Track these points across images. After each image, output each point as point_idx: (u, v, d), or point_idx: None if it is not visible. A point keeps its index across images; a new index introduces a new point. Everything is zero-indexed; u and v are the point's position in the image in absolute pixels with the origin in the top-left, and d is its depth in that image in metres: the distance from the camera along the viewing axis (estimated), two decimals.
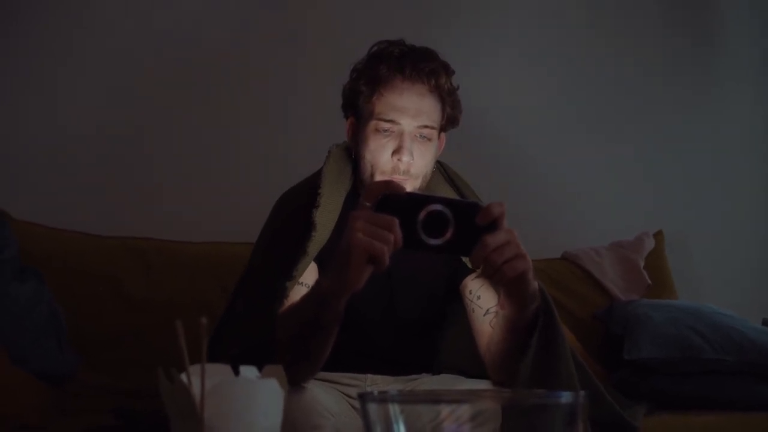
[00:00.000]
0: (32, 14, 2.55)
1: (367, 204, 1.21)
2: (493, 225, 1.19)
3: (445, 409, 0.75)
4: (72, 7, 2.59)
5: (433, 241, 1.19)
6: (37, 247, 2.18)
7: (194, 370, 0.80)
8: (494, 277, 1.22)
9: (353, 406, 1.53)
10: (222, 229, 2.45)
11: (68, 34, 2.58)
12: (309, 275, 1.52)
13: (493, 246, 1.18)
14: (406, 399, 0.77)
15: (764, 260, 2.97)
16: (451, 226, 1.19)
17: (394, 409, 0.74)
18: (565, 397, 0.73)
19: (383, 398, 0.76)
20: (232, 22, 2.70)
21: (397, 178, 1.54)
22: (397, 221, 1.18)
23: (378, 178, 1.56)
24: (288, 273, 1.49)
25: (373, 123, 1.57)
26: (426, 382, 1.62)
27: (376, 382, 1.62)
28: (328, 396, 1.48)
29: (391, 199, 1.20)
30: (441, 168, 1.73)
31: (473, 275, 1.59)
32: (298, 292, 1.48)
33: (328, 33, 2.72)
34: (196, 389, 0.79)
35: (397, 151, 1.55)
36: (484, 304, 1.55)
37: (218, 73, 2.67)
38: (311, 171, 1.70)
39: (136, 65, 2.61)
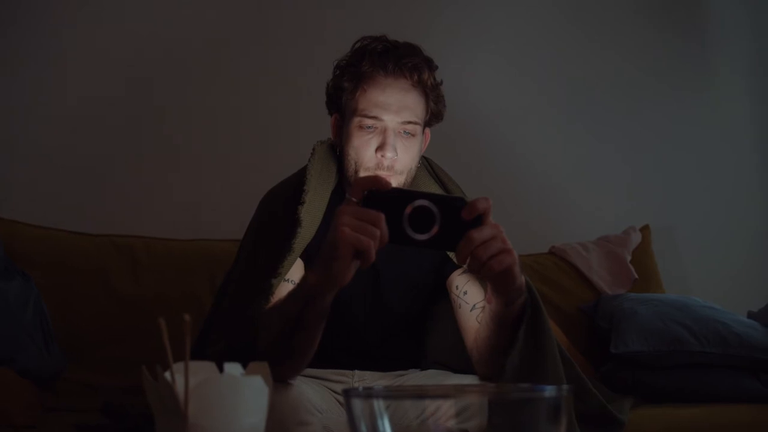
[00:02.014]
0: (28, 13, 2.54)
1: (354, 199, 1.21)
2: (479, 220, 1.19)
3: (430, 405, 0.75)
4: (67, 5, 2.58)
5: (419, 236, 1.20)
6: (24, 246, 2.17)
7: (178, 367, 0.80)
8: (480, 272, 1.22)
9: (340, 402, 1.53)
10: (209, 226, 2.45)
11: (59, 31, 2.57)
12: (295, 272, 1.52)
13: (479, 241, 1.18)
14: (390, 395, 0.77)
15: (749, 254, 2.98)
16: (436, 221, 1.19)
17: (378, 405, 0.74)
18: (549, 390, 0.74)
19: (368, 394, 0.76)
20: (225, 23, 2.69)
21: (381, 174, 1.54)
22: (383, 216, 1.18)
23: (362, 174, 1.55)
24: (274, 270, 1.48)
25: (356, 119, 1.56)
26: (413, 378, 1.62)
27: (364, 378, 1.62)
28: (315, 392, 1.47)
29: (377, 195, 1.20)
30: (426, 163, 1.73)
31: (459, 271, 1.59)
32: (284, 288, 1.47)
33: (315, 32, 2.72)
34: (179, 387, 0.79)
35: (380, 148, 1.54)
36: (470, 299, 1.55)
37: (209, 71, 2.66)
38: (298, 168, 1.70)
39: (127, 64, 2.60)
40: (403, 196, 1.21)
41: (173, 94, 2.62)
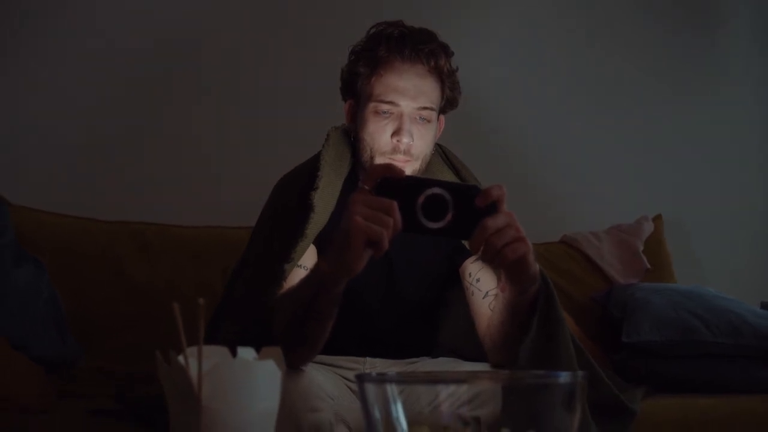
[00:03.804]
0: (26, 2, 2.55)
1: (367, 187, 1.21)
2: (493, 208, 1.19)
3: (443, 390, 0.75)
4: None
5: (433, 225, 1.19)
6: (37, 233, 2.18)
7: (192, 352, 0.80)
8: (494, 260, 1.21)
9: (352, 390, 1.53)
10: (222, 212, 2.45)
11: (61, 16, 2.57)
12: (308, 258, 1.52)
13: (493, 229, 1.18)
14: (404, 380, 0.77)
15: (762, 244, 2.97)
16: (450, 209, 1.19)
17: (392, 390, 0.74)
18: (564, 377, 0.74)
19: (381, 379, 0.76)
20: (224, 8, 2.69)
21: (397, 158, 1.54)
22: (396, 204, 1.17)
23: (378, 159, 1.55)
24: (286, 256, 1.48)
25: (372, 105, 1.56)
26: (425, 365, 1.62)
27: (375, 365, 1.62)
28: (327, 379, 1.48)
29: (391, 183, 1.19)
30: (440, 150, 1.73)
31: (472, 258, 1.59)
32: (296, 274, 1.47)
33: (319, 17, 2.71)
34: (193, 371, 0.79)
35: (396, 133, 1.54)
36: (483, 286, 1.55)
37: (214, 55, 2.66)
38: (311, 154, 1.70)
39: (131, 48, 2.60)
40: (416, 184, 1.20)
41: (186, 79, 2.62)
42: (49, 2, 2.56)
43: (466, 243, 1.57)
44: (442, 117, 1.66)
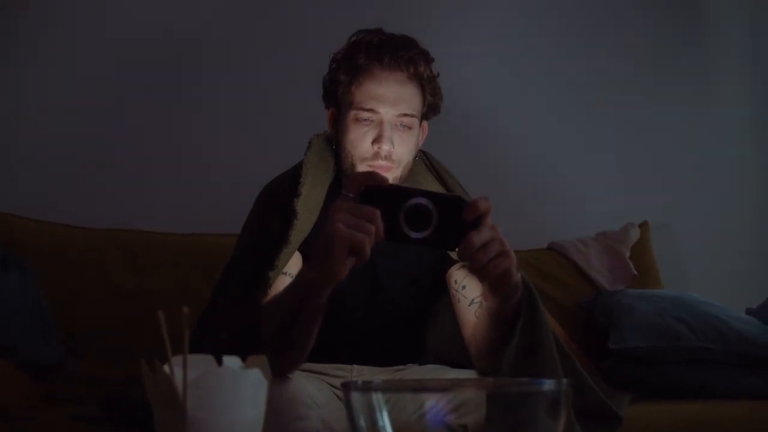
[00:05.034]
0: (24, 6, 2.54)
1: (350, 195, 1.20)
2: (478, 220, 1.19)
3: (429, 399, 0.75)
4: None
5: (416, 234, 1.18)
6: (23, 240, 2.19)
7: (177, 360, 0.80)
8: (479, 274, 1.22)
9: (339, 397, 1.53)
10: (208, 220, 2.45)
11: (49, 21, 2.56)
12: (292, 265, 1.51)
13: (479, 244, 1.17)
14: (389, 388, 0.76)
15: (749, 250, 2.98)
16: (433, 219, 1.18)
17: (377, 398, 0.74)
18: (548, 384, 0.74)
19: (367, 387, 0.75)
20: (214, 12, 2.69)
21: (378, 164, 1.54)
22: (378, 213, 1.17)
23: (359, 166, 1.56)
24: (270, 263, 1.48)
25: (352, 113, 1.57)
26: (412, 373, 1.62)
27: (362, 373, 1.62)
28: (314, 387, 1.47)
29: (374, 191, 1.18)
30: (424, 158, 1.73)
31: (458, 265, 1.59)
32: (281, 282, 1.47)
33: (308, 22, 2.72)
34: (178, 379, 0.78)
35: (377, 140, 1.54)
36: (469, 293, 1.55)
37: (202, 63, 2.66)
38: (296, 161, 1.70)
39: (119, 56, 2.60)
40: (400, 192, 1.20)
41: (172, 88, 2.62)
42: (45, 3, 2.56)
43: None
44: (425, 123, 1.66)
